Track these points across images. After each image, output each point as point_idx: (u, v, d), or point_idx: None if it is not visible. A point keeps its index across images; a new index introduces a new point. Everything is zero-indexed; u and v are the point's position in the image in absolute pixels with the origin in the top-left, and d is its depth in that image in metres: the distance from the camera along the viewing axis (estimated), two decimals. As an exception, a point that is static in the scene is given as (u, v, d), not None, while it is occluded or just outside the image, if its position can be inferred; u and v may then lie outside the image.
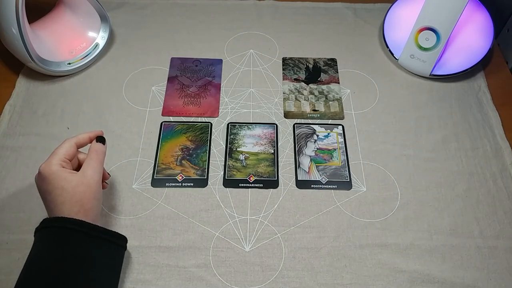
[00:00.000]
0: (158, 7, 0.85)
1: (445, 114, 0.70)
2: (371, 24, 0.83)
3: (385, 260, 0.55)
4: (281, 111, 0.70)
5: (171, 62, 0.76)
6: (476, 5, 0.73)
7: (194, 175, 0.62)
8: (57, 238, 0.45)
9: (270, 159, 0.64)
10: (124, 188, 0.61)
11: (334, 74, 0.75)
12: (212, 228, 0.57)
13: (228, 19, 0.83)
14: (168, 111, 0.69)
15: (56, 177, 0.47)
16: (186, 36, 0.80)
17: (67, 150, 0.50)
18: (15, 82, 0.72)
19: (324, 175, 0.63)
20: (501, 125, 0.69)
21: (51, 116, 0.68)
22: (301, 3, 0.86)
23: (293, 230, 0.58)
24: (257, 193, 0.61)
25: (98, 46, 0.75)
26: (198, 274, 0.54)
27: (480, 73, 0.75)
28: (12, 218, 0.57)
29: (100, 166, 0.51)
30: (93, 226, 0.47)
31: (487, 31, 0.72)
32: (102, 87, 0.72)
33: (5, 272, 0.53)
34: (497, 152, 0.66)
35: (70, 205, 0.46)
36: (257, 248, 0.56)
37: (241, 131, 0.67)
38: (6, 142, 0.65)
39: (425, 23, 0.70)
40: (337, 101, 0.71)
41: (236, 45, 0.79)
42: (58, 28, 0.74)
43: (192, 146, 0.65)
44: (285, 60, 0.77)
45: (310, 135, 0.67)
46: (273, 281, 0.53)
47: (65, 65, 0.71)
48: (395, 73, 0.76)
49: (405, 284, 0.53)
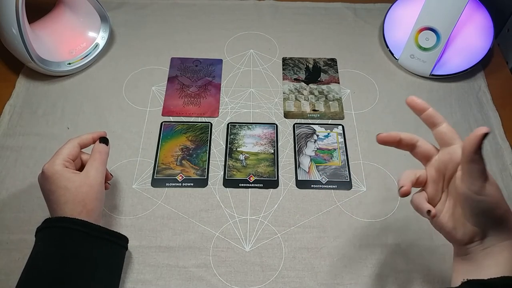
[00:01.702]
0: (158, 7, 0.85)
1: (445, 114, 0.69)
2: (371, 24, 0.83)
3: (385, 260, 0.55)
4: (281, 111, 0.70)
5: (171, 62, 0.76)
6: (476, 5, 0.73)
7: (194, 175, 0.62)
8: (60, 238, 0.45)
9: (270, 159, 0.64)
10: (124, 188, 0.61)
11: (334, 74, 0.75)
12: (212, 228, 0.57)
13: (228, 19, 0.83)
14: (168, 111, 0.69)
15: (59, 176, 0.47)
16: (186, 36, 0.80)
17: (70, 150, 0.50)
18: (15, 82, 0.72)
19: (324, 175, 0.63)
20: (501, 125, 0.69)
21: (51, 116, 0.68)
22: (301, 3, 0.87)
23: (293, 230, 0.58)
24: (257, 193, 0.61)
25: (98, 46, 0.75)
26: (198, 274, 0.54)
27: (480, 73, 0.76)
28: (12, 218, 0.57)
29: (103, 167, 0.51)
30: (96, 227, 0.47)
31: (487, 31, 0.72)
32: (102, 87, 0.72)
33: (5, 272, 0.53)
34: (497, 152, 0.66)
35: (73, 205, 0.47)
36: (257, 248, 0.56)
37: (241, 131, 0.67)
38: (6, 142, 0.65)
39: (425, 23, 0.70)
40: (337, 101, 0.71)
41: (236, 45, 0.79)
42: (58, 28, 0.74)
43: (192, 146, 0.65)
44: (285, 60, 0.77)
45: (310, 135, 0.67)
46: (273, 281, 0.53)
47: (65, 65, 0.71)
48: (395, 73, 0.76)
49: (405, 284, 0.53)
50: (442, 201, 0.44)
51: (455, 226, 0.42)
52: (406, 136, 0.46)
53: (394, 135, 0.46)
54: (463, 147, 0.39)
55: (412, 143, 0.46)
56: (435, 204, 0.44)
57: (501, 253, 0.41)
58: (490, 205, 0.39)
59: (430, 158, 0.45)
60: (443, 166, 0.44)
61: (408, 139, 0.46)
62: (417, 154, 0.46)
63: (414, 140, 0.46)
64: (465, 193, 0.40)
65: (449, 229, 0.43)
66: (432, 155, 0.45)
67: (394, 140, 0.46)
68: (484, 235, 0.41)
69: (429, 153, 0.45)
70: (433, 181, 0.44)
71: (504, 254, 0.40)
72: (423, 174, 0.45)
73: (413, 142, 0.46)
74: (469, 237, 0.42)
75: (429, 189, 0.45)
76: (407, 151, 0.47)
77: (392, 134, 0.46)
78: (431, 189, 0.45)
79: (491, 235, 0.41)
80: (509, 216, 0.41)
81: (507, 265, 0.40)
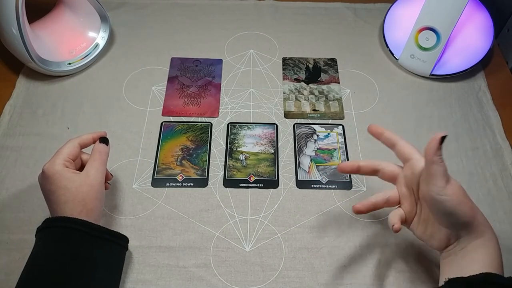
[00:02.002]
0: (158, 7, 0.85)
1: (445, 114, 0.70)
2: (371, 24, 0.83)
3: (385, 260, 0.55)
4: (281, 111, 0.70)
5: (171, 62, 0.76)
6: (476, 5, 0.73)
7: (194, 175, 0.62)
8: (60, 238, 0.46)
9: (270, 159, 0.64)
10: (124, 188, 0.61)
11: (334, 74, 0.75)
12: (212, 228, 0.57)
13: (228, 19, 0.83)
14: (168, 111, 0.69)
15: (60, 176, 0.47)
16: (186, 36, 0.80)
17: (70, 150, 0.50)
18: (15, 82, 0.72)
19: (324, 175, 0.63)
20: (501, 125, 0.69)
21: (51, 116, 0.68)
22: (301, 3, 0.87)
23: (293, 230, 0.58)
24: (257, 193, 0.61)
25: (98, 46, 0.75)
26: (199, 274, 0.54)
27: (480, 73, 0.76)
28: (12, 218, 0.57)
29: (103, 167, 0.51)
30: (96, 226, 0.47)
31: (487, 31, 0.72)
32: (102, 87, 0.72)
33: (5, 272, 0.53)
34: (497, 152, 0.66)
35: (73, 204, 0.47)
36: (257, 248, 0.56)
37: (241, 131, 0.67)
38: (6, 142, 0.65)
39: (425, 23, 0.70)
40: (337, 101, 0.71)
41: (236, 45, 0.79)
42: (58, 28, 0.74)
43: (192, 146, 0.65)
44: (285, 60, 0.77)
45: (310, 135, 0.67)
46: (273, 281, 0.53)
47: (65, 65, 0.71)
48: (395, 73, 0.76)
49: (405, 284, 0.53)
50: (418, 213, 0.47)
51: (431, 233, 0.46)
52: (365, 163, 0.49)
53: (351, 163, 0.50)
54: (425, 150, 0.43)
55: (373, 168, 0.49)
56: (413, 217, 0.48)
57: (476, 251, 0.43)
58: (452, 206, 0.42)
59: (396, 177, 0.49)
60: (409, 180, 0.47)
61: (368, 165, 0.49)
62: (383, 176, 0.50)
63: (375, 165, 0.49)
64: (428, 194, 0.43)
65: (427, 236, 0.46)
66: (397, 174, 0.48)
67: (353, 168, 0.50)
68: (458, 236, 0.44)
69: (393, 173, 0.49)
70: (405, 197, 0.48)
71: (479, 251, 0.43)
72: (394, 194, 0.48)
73: (374, 167, 0.49)
74: (445, 241, 0.45)
75: (404, 206, 0.48)
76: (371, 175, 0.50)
77: (350, 163, 0.50)
78: (406, 205, 0.48)
79: (463, 235, 0.44)
80: (476, 215, 0.44)
81: (483, 261, 0.42)
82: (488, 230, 0.44)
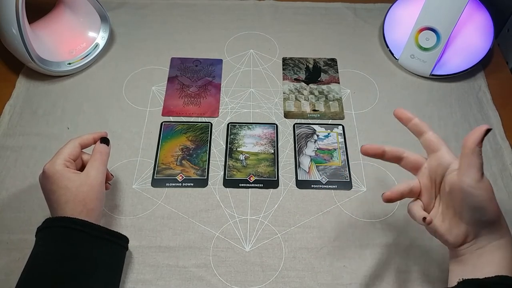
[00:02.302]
0: (158, 7, 0.85)
1: (445, 114, 0.70)
2: (371, 24, 0.83)
3: (385, 260, 0.55)
4: (281, 111, 0.70)
5: (171, 62, 0.76)
6: (476, 5, 0.73)
7: (194, 175, 0.62)
8: (60, 238, 0.46)
9: (270, 159, 0.64)
10: (124, 188, 0.61)
11: (334, 74, 0.75)
12: (212, 228, 0.57)
13: (228, 19, 0.83)
14: (168, 111, 0.69)
15: (60, 176, 0.47)
16: (186, 36, 0.80)
17: (71, 150, 0.50)
18: (15, 82, 0.72)
19: (324, 175, 0.63)
20: (501, 125, 0.69)
21: (51, 116, 0.68)
22: (301, 3, 0.87)
23: (293, 230, 0.58)
24: (257, 193, 0.61)
25: (98, 46, 0.75)
26: (198, 274, 0.54)
27: (480, 73, 0.76)
28: (12, 218, 0.57)
29: (104, 167, 0.51)
30: (96, 226, 0.47)
31: (487, 31, 0.72)
32: (102, 87, 0.72)
33: (5, 272, 0.53)
34: (497, 152, 0.66)
35: (74, 204, 0.47)
36: (257, 248, 0.56)
37: (241, 131, 0.67)
38: (6, 142, 0.65)
39: (425, 23, 0.70)
40: (337, 101, 0.71)
41: (236, 45, 0.79)
42: (58, 28, 0.74)
43: (192, 146, 0.65)
44: (285, 60, 0.77)
45: (310, 135, 0.67)
46: (273, 281, 0.53)
47: (65, 65, 0.71)
48: (395, 73, 0.76)
49: (405, 284, 0.53)
50: (436, 206, 0.46)
51: (448, 228, 0.44)
52: (390, 148, 0.48)
53: (376, 146, 0.48)
54: (464, 141, 0.41)
55: (398, 155, 0.48)
56: (430, 210, 0.46)
57: (494, 252, 0.42)
58: (483, 201, 0.41)
59: (420, 167, 0.47)
60: (433, 172, 0.45)
61: (393, 152, 0.48)
62: (406, 165, 0.48)
63: (400, 152, 0.48)
64: (459, 186, 0.41)
65: (443, 231, 0.44)
66: (421, 164, 0.47)
67: (377, 152, 0.48)
68: (477, 235, 0.43)
69: (417, 162, 0.47)
70: (426, 189, 0.46)
71: (498, 253, 0.42)
72: (416, 184, 0.47)
73: (399, 154, 0.48)
74: (462, 238, 0.43)
75: (424, 197, 0.47)
76: (394, 163, 0.48)
77: (375, 145, 0.48)
78: (425, 197, 0.46)
79: (483, 234, 0.42)
80: (500, 216, 0.43)
81: (500, 264, 0.41)
82: (508, 233, 0.43)
